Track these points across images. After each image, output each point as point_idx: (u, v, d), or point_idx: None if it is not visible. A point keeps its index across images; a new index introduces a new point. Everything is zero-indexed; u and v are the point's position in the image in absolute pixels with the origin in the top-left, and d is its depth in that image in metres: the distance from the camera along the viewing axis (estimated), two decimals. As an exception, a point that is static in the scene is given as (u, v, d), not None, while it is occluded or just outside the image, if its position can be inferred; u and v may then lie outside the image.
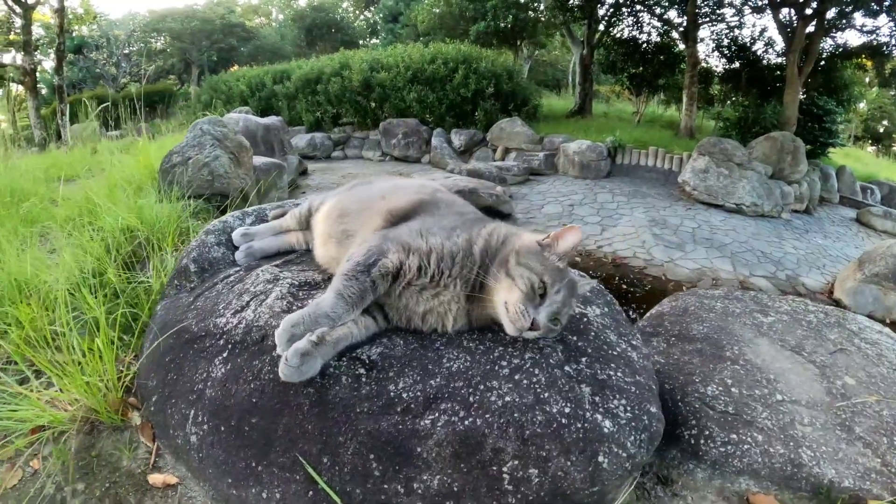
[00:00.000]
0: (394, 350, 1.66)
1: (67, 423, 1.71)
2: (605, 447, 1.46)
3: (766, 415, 1.98)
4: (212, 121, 4.51)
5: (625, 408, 1.56)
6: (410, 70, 15.92)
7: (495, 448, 1.43)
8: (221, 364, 1.66)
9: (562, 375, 1.59)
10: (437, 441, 1.44)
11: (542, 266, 1.56)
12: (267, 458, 1.47)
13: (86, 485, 1.57)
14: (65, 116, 15.60)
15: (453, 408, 1.50)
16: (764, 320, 2.59)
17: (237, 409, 1.55)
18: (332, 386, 1.54)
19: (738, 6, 16.76)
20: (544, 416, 1.48)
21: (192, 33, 31.01)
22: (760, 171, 11.60)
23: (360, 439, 1.45)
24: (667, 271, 7.93)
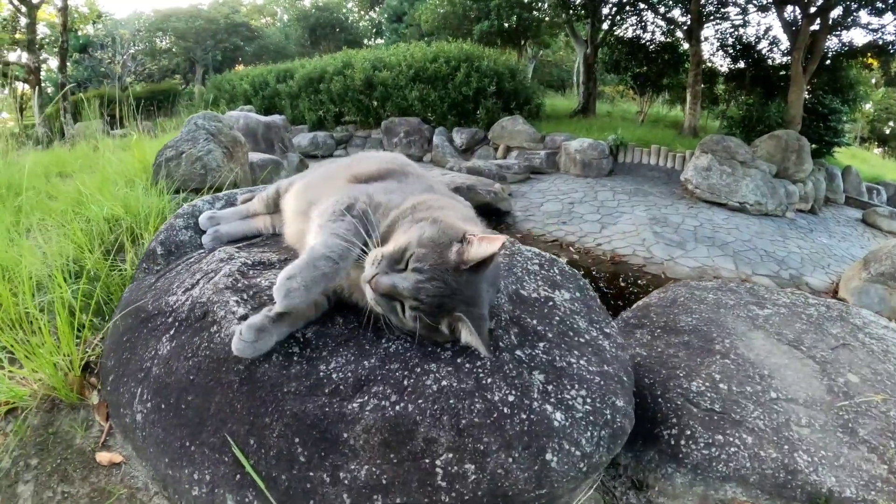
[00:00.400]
0: (331, 328, 1.54)
1: (28, 401, 1.75)
2: (555, 443, 1.29)
3: (758, 414, 1.79)
4: (206, 115, 4.45)
5: (584, 399, 1.38)
6: (412, 69, 15.87)
7: (427, 438, 1.29)
8: (168, 342, 1.60)
9: (511, 360, 1.42)
10: (366, 427, 1.32)
11: (431, 242, 1.33)
12: (199, 438, 1.39)
13: (39, 460, 1.60)
14: (68, 114, 15.74)
15: (385, 391, 1.37)
16: (760, 313, 2.40)
17: (176, 387, 1.48)
18: (261, 363, 1.43)
19: (743, 4, 16.65)
20: (484, 404, 1.32)
21: (196, 33, 30.98)
22: (764, 169, 11.44)
23: (285, 421, 1.34)
24: (666, 269, 7.78)
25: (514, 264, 1.86)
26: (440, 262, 1.29)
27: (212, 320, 1.56)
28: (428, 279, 1.28)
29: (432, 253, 1.30)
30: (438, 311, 1.32)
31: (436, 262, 1.29)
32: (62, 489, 1.53)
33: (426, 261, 1.29)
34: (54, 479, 1.56)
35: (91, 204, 2.86)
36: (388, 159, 1.92)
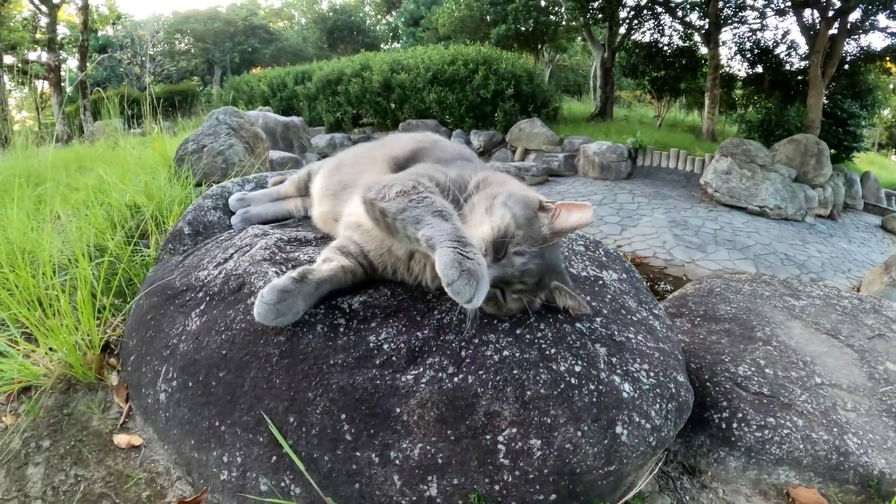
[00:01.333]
0: (378, 299, 1.46)
1: (43, 380, 1.68)
2: (624, 415, 1.23)
3: (806, 398, 1.75)
4: (228, 111, 4.48)
5: (647, 373, 1.34)
6: (430, 71, 15.88)
7: (490, 412, 1.21)
8: (197, 317, 1.52)
9: (572, 332, 1.37)
10: (421, 401, 1.23)
11: (525, 220, 1.27)
12: (231, 417, 1.30)
13: (52, 442, 1.52)
14: (87, 112, 15.76)
15: (441, 363, 1.29)
16: (795, 303, 2.37)
17: (206, 363, 1.39)
18: (304, 335, 1.35)
19: (761, 8, 16.53)
20: (550, 374, 1.25)
21: (214, 34, 31.30)
22: (784, 173, 11.34)
23: (331, 396, 1.25)
24: (687, 272, 7.72)
25: (560, 244, 1.83)
26: (534, 238, 1.26)
27: (248, 292, 1.48)
28: (530, 259, 1.24)
29: (528, 231, 1.25)
30: (538, 288, 1.30)
31: (532, 239, 1.25)
32: (75, 472, 1.45)
33: (526, 242, 1.24)
34: (67, 461, 1.48)
35: (112, 191, 2.85)
36: (420, 138, 1.87)
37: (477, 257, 1.10)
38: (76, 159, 4.71)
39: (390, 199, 1.26)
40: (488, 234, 1.24)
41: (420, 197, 1.25)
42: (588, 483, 1.19)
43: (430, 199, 1.24)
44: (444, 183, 1.39)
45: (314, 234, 1.86)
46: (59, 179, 3.39)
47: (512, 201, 1.30)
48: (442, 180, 1.40)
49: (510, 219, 1.25)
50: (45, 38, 18.53)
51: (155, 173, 3.37)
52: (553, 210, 1.31)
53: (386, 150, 1.77)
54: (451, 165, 1.58)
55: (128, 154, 3.89)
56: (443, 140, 1.92)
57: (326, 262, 1.46)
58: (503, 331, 1.35)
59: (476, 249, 1.12)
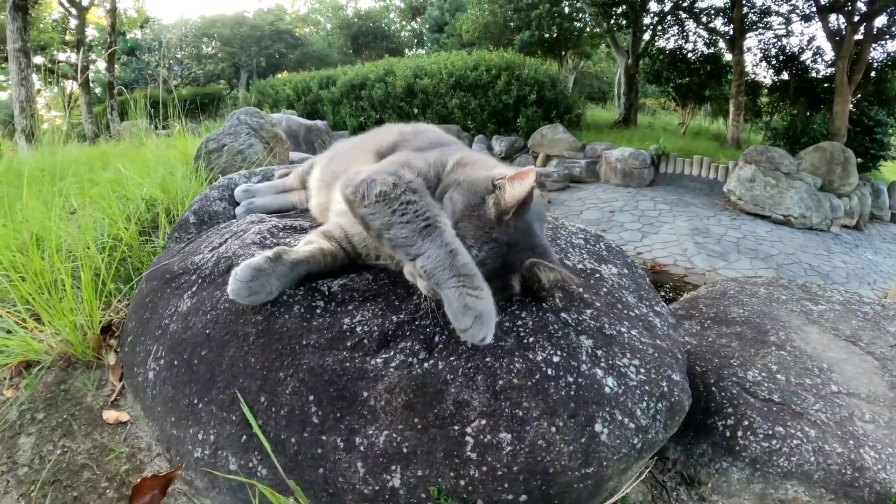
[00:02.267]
0: (359, 283, 1.44)
1: (44, 357, 1.77)
2: (605, 412, 1.14)
3: (820, 406, 1.62)
4: (249, 111, 4.52)
5: (637, 369, 1.24)
6: (453, 77, 15.80)
7: (458, 400, 1.15)
8: (189, 298, 1.54)
9: (555, 321, 1.28)
10: (389, 386, 1.19)
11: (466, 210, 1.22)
12: (208, 395, 1.31)
13: (46, 414, 1.61)
14: (114, 112, 16.10)
15: (413, 347, 1.24)
16: (814, 308, 2.25)
17: (191, 342, 1.41)
18: (281, 314, 1.35)
19: (786, 14, 16.26)
20: (525, 363, 1.18)
21: (241, 39, 31.55)
22: (809, 182, 11.09)
23: (300, 376, 1.24)
24: (708, 280, 7.51)
25: (558, 237, 1.74)
26: (482, 225, 1.19)
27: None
28: (479, 249, 1.17)
29: (470, 220, 1.19)
30: (504, 270, 1.22)
31: (478, 228, 1.18)
32: (63, 443, 1.52)
33: (468, 233, 1.18)
34: (57, 433, 1.55)
35: (130, 185, 2.93)
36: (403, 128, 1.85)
37: (480, 291, 1.08)
38: (101, 157, 4.84)
39: (371, 202, 1.20)
40: None
41: (403, 205, 1.18)
42: (563, 485, 1.11)
43: (413, 207, 1.17)
44: (424, 169, 1.36)
45: (310, 223, 1.86)
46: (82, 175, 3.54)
47: (457, 193, 1.26)
48: (422, 167, 1.36)
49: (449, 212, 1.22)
50: (74, 39, 18.93)
51: (174, 170, 3.41)
52: (502, 184, 1.21)
53: (373, 140, 1.77)
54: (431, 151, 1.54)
55: (149, 152, 3.97)
56: (426, 128, 1.88)
57: (307, 244, 1.46)
58: None
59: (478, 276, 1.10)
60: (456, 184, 1.28)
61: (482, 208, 1.20)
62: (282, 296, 1.37)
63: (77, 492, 1.38)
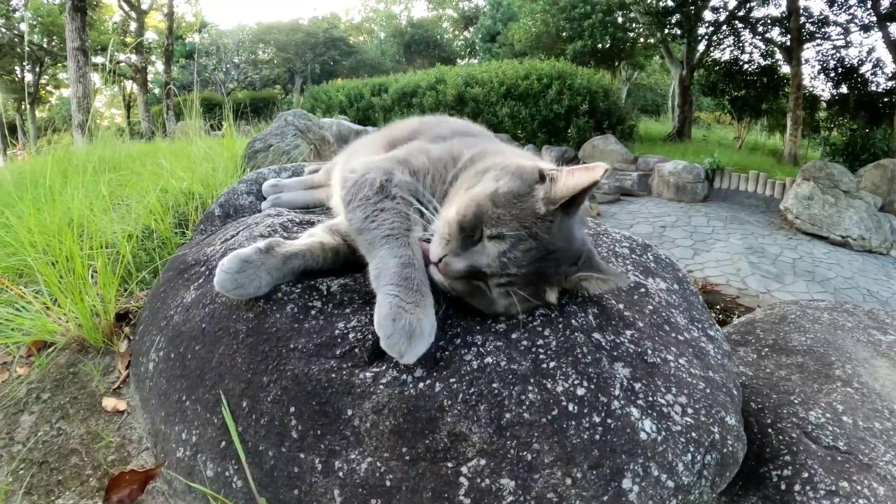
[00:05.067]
0: (362, 283, 1.30)
1: (59, 338, 1.78)
2: (638, 465, 0.93)
3: (890, 457, 1.36)
4: (297, 113, 4.62)
5: (683, 408, 1.02)
6: (504, 85, 15.72)
7: (455, 432, 0.98)
8: (195, 290, 1.47)
9: (585, 342, 1.08)
10: (376, 405, 1.04)
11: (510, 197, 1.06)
12: (196, 393, 1.22)
13: (50, 395, 1.61)
14: (170, 112, 16.65)
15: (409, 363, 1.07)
16: (882, 339, 1.97)
17: (187, 336, 1.33)
18: (272, 313, 1.24)
19: (844, 24, 15.80)
20: (540, 394, 0.98)
21: (296, 45, 32.26)
22: (869, 201, 10.56)
23: (283, 384, 1.12)
24: (761, 303, 7.19)
25: (600, 244, 1.54)
26: (524, 217, 1.03)
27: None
28: (513, 245, 1.01)
29: (511, 209, 1.03)
30: (538, 279, 1.06)
31: (519, 219, 1.02)
32: (59, 426, 1.51)
33: (505, 222, 1.02)
34: (56, 414, 1.55)
35: (172, 179, 2.96)
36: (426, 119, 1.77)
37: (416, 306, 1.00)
38: (152, 152, 4.94)
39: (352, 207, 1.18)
40: (452, 218, 1.06)
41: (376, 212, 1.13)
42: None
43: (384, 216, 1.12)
44: (422, 166, 1.27)
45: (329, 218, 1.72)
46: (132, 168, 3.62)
47: (499, 174, 1.11)
48: (420, 163, 1.28)
49: (485, 195, 1.06)
50: (133, 41, 19.61)
51: (216, 166, 3.48)
52: (555, 176, 1.04)
53: (389, 132, 1.72)
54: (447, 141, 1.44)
55: (196, 149, 4.01)
56: (452, 119, 1.79)
57: (308, 237, 1.38)
58: (496, 333, 1.11)
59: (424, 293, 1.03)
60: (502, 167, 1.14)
61: (528, 199, 1.05)
62: (276, 292, 1.27)
63: (62, 476, 1.36)
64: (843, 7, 15.40)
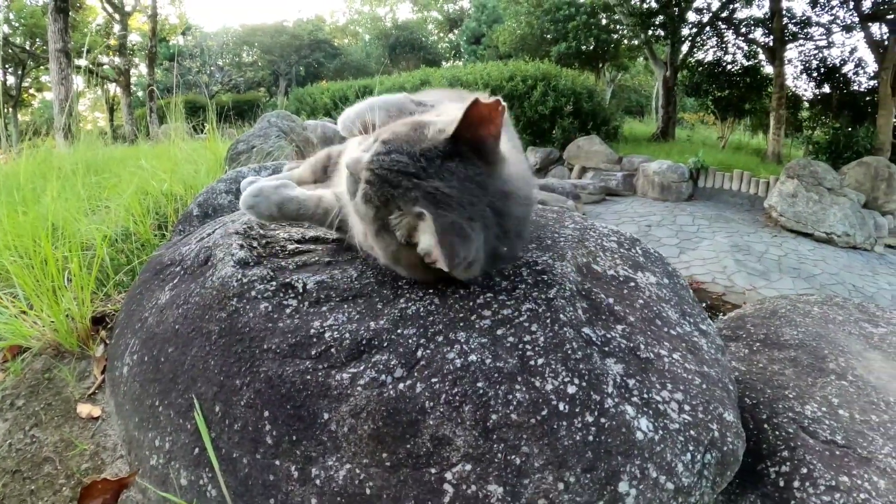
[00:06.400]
0: (339, 280, 1.26)
1: (34, 343, 1.74)
2: (635, 466, 0.87)
3: (889, 450, 1.32)
4: (280, 114, 4.66)
5: (679, 405, 0.96)
6: (489, 87, 15.58)
7: (437, 436, 0.92)
8: (169, 290, 1.44)
9: (574, 337, 1.02)
10: (354, 409, 0.99)
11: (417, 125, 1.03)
12: (168, 397, 1.19)
13: (25, 401, 1.58)
14: (153, 114, 16.38)
15: (388, 362, 1.03)
16: (874, 331, 1.95)
17: (161, 338, 1.30)
18: (246, 312, 1.19)
19: (826, 24, 15.92)
20: (529, 393, 0.92)
21: (281, 48, 32.15)
22: (853, 198, 10.64)
23: (257, 387, 1.07)
24: (748, 300, 7.22)
25: (586, 238, 1.49)
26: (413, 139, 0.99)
27: (211, 264, 1.39)
28: (388, 151, 0.97)
29: (410, 131, 1.00)
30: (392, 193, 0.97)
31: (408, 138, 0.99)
32: (33, 433, 1.48)
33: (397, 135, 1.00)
34: (31, 421, 1.51)
35: (152, 181, 2.95)
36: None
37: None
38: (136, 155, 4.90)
39: None
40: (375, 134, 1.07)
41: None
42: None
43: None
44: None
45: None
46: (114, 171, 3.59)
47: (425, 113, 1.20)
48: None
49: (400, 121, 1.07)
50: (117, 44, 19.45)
51: (199, 168, 3.49)
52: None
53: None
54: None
55: (179, 151, 4.01)
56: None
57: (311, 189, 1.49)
58: (479, 329, 1.05)
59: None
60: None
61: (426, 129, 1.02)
62: (251, 290, 1.23)
63: (35, 485, 1.32)
64: (826, 8, 15.53)
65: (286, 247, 1.47)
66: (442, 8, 38.04)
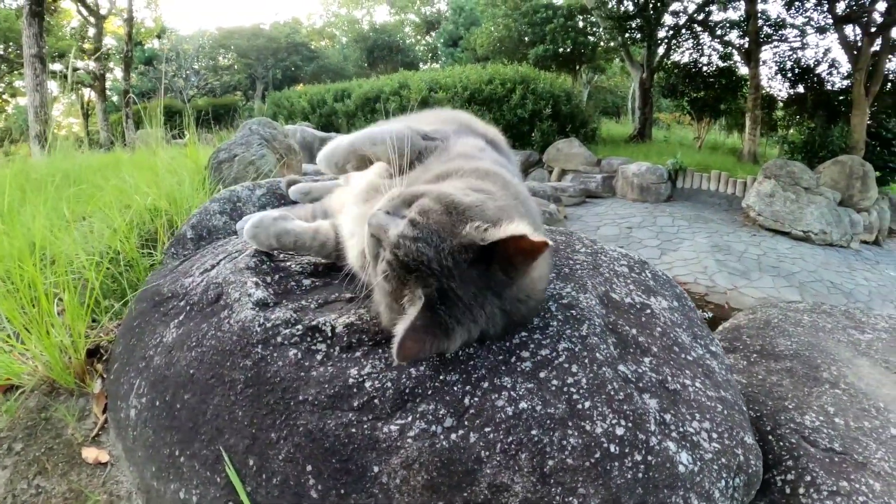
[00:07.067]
0: (368, 323, 1.23)
1: (26, 379, 1.63)
2: (679, 496, 0.94)
3: (882, 454, 1.42)
4: (261, 121, 4.49)
5: (709, 434, 1.04)
6: (468, 90, 15.72)
7: (495, 484, 0.94)
8: (175, 328, 1.38)
9: (614, 377, 1.08)
10: (406, 460, 0.98)
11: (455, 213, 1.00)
12: (191, 448, 1.13)
13: (24, 446, 1.47)
14: (130, 121, 16.19)
15: (437, 412, 1.03)
16: (861, 338, 2.07)
17: (174, 382, 1.24)
18: (274, 360, 1.15)
19: (801, 26, 16.14)
20: (581, 438, 0.97)
21: (258, 51, 31.78)
22: (829, 196, 10.88)
23: (296, 440, 1.04)
24: (730, 299, 7.36)
25: (600, 263, 1.55)
26: (445, 231, 0.97)
27: (224, 303, 1.33)
28: (416, 238, 0.96)
29: (443, 216, 0.99)
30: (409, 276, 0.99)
31: (440, 227, 0.97)
32: (38, 482, 1.38)
33: (428, 218, 0.98)
34: (33, 469, 1.41)
35: (135, 194, 2.79)
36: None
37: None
38: (113, 164, 4.77)
39: None
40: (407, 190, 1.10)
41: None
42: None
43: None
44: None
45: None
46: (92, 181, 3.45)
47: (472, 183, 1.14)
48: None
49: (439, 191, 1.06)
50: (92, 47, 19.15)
51: (182, 180, 3.32)
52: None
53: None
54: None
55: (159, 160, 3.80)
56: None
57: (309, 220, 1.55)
58: (523, 372, 1.08)
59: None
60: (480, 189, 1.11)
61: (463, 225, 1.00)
62: (276, 336, 1.19)
63: None
64: (800, 10, 15.75)
65: (301, 282, 1.44)
66: (419, 10, 38.00)
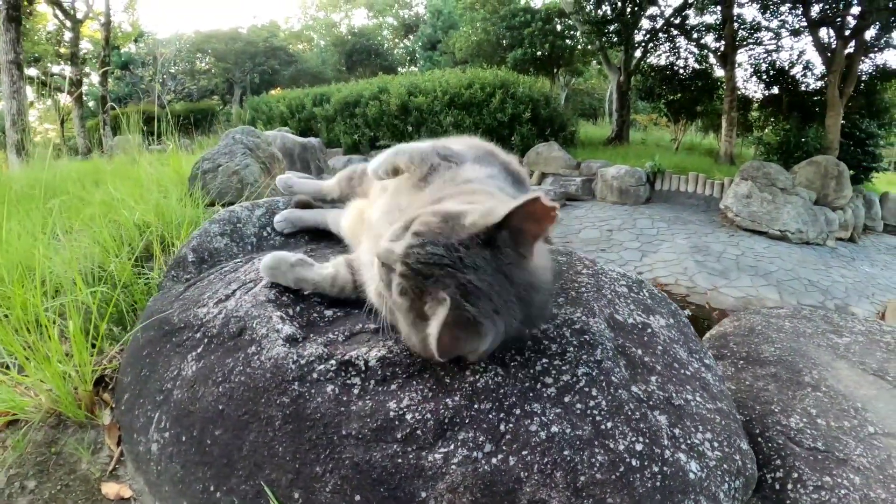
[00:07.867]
0: (399, 355, 1.28)
1: (31, 413, 1.56)
2: (691, 500, 1.09)
3: (861, 451, 1.58)
4: (245, 130, 4.43)
5: (711, 443, 1.18)
6: (448, 94, 15.76)
7: (534, 500, 1.05)
8: (194, 361, 1.39)
9: (629, 399, 1.21)
10: (451, 485, 1.07)
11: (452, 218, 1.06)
12: (227, 483, 1.17)
13: (37, 483, 1.41)
14: (107, 126, 16.06)
15: (476, 439, 1.12)
16: (839, 341, 2.21)
17: (201, 417, 1.26)
18: (312, 397, 1.19)
19: (776, 29, 16.42)
20: (607, 455, 1.10)
21: (235, 55, 31.65)
22: (804, 196, 11.16)
23: (343, 473, 1.10)
24: (711, 299, 7.55)
25: (602, 285, 1.65)
26: (446, 232, 1.02)
27: (250, 339, 1.35)
28: (422, 244, 1.01)
29: (443, 223, 1.04)
30: (426, 282, 1.02)
31: (440, 230, 1.02)
32: None
33: (430, 227, 1.03)
34: None
35: (122, 209, 2.72)
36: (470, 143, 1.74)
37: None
38: (93, 173, 4.68)
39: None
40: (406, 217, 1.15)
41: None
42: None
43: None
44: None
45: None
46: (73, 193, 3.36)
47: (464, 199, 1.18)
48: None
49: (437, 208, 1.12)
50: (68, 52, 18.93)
51: (168, 191, 3.27)
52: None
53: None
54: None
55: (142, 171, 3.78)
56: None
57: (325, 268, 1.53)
58: (549, 398, 1.19)
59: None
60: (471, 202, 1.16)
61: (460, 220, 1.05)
62: (311, 372, 1.24)
63: None
64: (775, 13, 16.01)
65: (323, 313, 1.47)
66: (397, 14, 38.03)
